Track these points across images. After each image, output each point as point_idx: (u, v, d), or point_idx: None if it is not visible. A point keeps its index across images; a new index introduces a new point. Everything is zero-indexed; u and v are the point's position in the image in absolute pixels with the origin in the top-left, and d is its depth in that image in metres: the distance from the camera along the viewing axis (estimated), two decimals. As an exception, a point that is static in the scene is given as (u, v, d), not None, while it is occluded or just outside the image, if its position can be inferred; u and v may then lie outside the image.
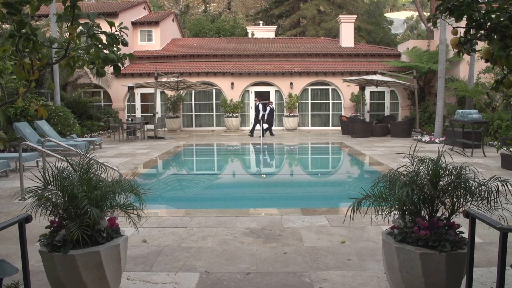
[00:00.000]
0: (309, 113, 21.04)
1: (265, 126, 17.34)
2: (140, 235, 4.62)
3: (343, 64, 21.33)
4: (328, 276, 3.59)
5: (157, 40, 23.06)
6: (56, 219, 3.06)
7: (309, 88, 20.86)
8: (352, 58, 22.12)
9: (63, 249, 2.89)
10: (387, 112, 20.67)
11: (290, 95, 20.18)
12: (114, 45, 3.03)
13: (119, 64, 3.08)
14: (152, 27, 22.96)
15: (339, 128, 19.07)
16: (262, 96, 20.96)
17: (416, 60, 18.98)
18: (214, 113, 21.14)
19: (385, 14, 43.07)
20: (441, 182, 3.06)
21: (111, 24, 2.95)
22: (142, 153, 12.19)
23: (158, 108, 19.85)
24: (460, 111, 12.66)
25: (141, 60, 21.96)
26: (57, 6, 16.10)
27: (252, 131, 17.70)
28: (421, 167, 3.14)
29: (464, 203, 3.00)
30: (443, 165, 3.09)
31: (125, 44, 3.05)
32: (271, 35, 27.65)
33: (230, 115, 20.08)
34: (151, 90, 19.33)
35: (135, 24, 22.65)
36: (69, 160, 3.31)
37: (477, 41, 2.86)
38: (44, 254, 2.96)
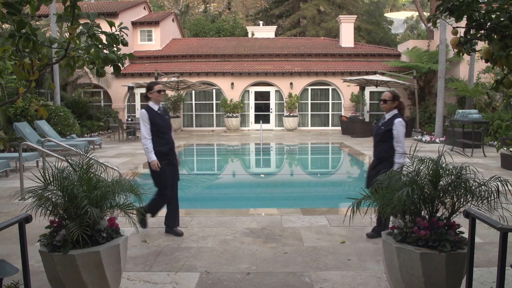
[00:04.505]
0: (309, 113, 21.03)
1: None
2: (140, 235, 4.62)
3: (343, 64, 21.33)
4: (328, 276, 3.59)
5: (157, 40, 23.06)
6: (56, 219, 3.06)
7: (309, 88, 20.86)
8: (352, 58, 22.12)
9: (63, 249, 2.89)
10: (387, 112, 20.63)
11: (290, 95, 20.17)
12: (114, 45, 3.02)
13: (119, 64, 3.08)
14: (152, 27, 22.95)
15: (339, 128, 19.06)
16: (263, 96, 20.98)
17: (416, 60, 18.97)
18: (214, 113, 21.14)
19: (385, 14, 43.07)
20: (441, 182, 3.06)
21: (111, 24, 2.95)
22: (142, 153, 12.17)
23: (158, 108, 19.81)
24: (460, 111, 12.66)
25: (141, 60, 21.96)
26: (57, 6, 16.09)
27: None
28: (421, 167, 3.14)
29: (464, 203, 3.00)
30: (443, 165, 3.09)
31: (125, 44, 3.05)
32: (271, 35, 27.65)
33: (230, 115, 20.08)
34: (151, 90, 19.29)
35: (135, 24, 22.65)
36: (69, 160, 3.31)
37: (477, 41, 2.85)
38: (44, 254, 2.96)
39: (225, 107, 20.15)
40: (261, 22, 33.27)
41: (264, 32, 27.73)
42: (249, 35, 28.26)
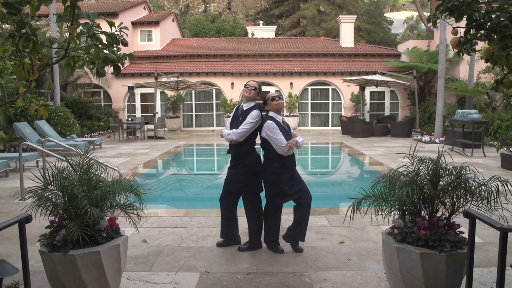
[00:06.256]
0: (309, 113, 21.04)
1: None
2: (140, 235, 4.62)
3: (343, 64, 21.33)
4: (328, 276, 3.59)
5: (157, 40, 23.06)
6: (56, 219, 3.06)
7: (309, 88, 20.86)
8: (352, 58, 22.12)
9: (63, 249, 2.89)
10: (387, 112, 20.66)
11: (290, 95, 20.17)
12: (114, 45, 3.02)
13: (119, 64, 3.08)
14: (152, 27, 22.95)
15: (339, 128, 19.06)
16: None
17: (416, 60, 18.97)
18: (214, 113, 21.15)
19: (385, 14, 43.03)
20: (441, 182, 3.06)
21: (111, 24, 2.95)
22: (142, 153, 12.18)
23: (158, 108, 19.85)
24: (460, 111, 12.66)
25: (141, 60, 21.96)
26: (57, 6, 16.10)
27: None
28: (421, 167, 3.14)
29: (464, 203, 3.00)
30: (443, 165, 3.09)
31: (125, 44, 3.05)
32: (271, 35, 27.64)
33: (230, 115, 20.05)
34: (151, 90, 19.32)
35: (135, 24, 22.65)
36: (69, 160, 3.31)
37: (477, 41, 2.85)
38: (44, 254, 2.96)
39: (225, 107, 20.15)
40: (261, 22, 33.25)
41: (264, 32, 27.72)
42: (249, 35, 28.25)
